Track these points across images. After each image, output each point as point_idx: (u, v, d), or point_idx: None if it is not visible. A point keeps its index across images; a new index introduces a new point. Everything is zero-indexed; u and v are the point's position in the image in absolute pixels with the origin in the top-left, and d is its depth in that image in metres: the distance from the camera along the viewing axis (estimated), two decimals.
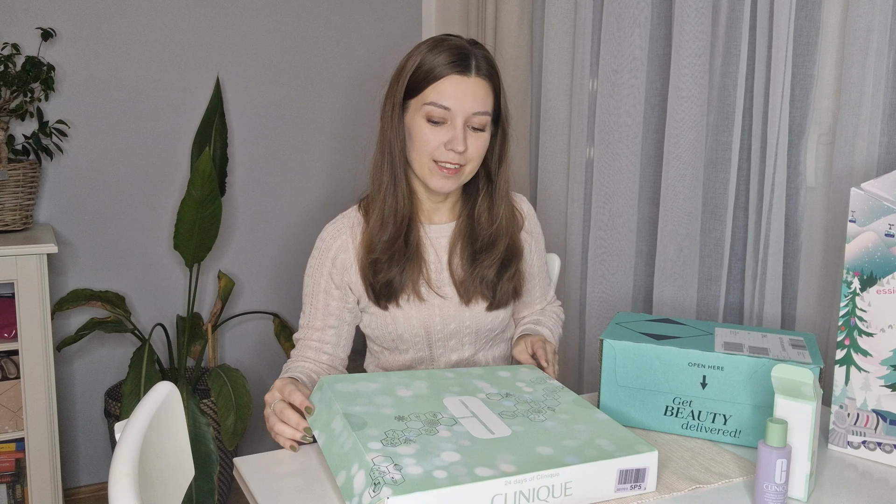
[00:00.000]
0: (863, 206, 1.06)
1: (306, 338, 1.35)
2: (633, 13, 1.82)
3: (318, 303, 1.34)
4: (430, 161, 1.27)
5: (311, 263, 1.36)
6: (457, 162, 1.26)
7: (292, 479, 1.00)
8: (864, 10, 1.33)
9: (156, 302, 2.46)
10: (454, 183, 1.29)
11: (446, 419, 0.99)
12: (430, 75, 1.25)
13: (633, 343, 1.15)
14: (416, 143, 1.27)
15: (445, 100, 1.24)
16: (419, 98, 1.26)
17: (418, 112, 1.26)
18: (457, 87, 1.24)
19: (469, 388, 1.11)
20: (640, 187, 1.88)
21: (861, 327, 1.07)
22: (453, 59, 1.24)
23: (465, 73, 1.24)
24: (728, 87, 1.61)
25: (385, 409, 1.01)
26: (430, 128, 1.26)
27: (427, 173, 1.28)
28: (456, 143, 1.24)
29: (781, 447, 0.91)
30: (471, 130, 1.27)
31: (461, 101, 1.24)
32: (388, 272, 1.30)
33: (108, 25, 2.29)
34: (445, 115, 1.25)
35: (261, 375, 2.66)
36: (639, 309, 1.92)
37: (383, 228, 1.30)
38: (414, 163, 1.30)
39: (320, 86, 2.61)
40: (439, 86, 1.24)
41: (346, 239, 1.34)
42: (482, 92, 1.26)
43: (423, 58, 1.26)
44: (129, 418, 0.87)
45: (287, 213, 2.62)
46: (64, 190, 2.30)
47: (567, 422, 1.03)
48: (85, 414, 2.41)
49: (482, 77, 1.26)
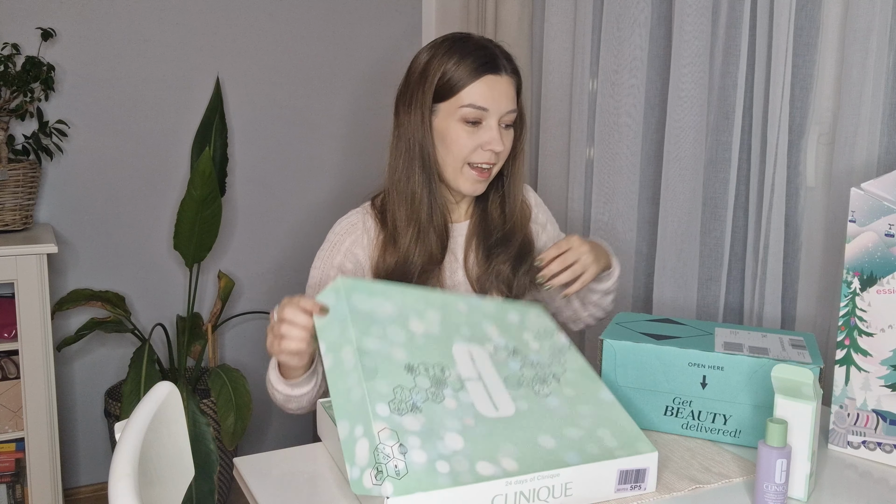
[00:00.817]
0: (863, 206, 1.06)
1: None
2: (633, 13, 1.82)
3: None
4: (465, 165, 1.26)
5: (320, 255, 1.34)
6: (492, 162, 1.26)
7: (292, 479, 1.00)
8: (864, 10, 1.33)
9: (156, 302, 2.46)
10: (485, 185, 1.30)
11: (453, 380, 0.97)
12: (465, 77, 1.23)
13: (633, 343, 1.15)
14: (452, 146, 1.25)
15: (483, 101, 1.23)
16: (453, 101, 1.24)
17: (452, 116, 1.24)
18: (492, 87, 1.23)
19: (478, 334, 1.07)
20: (640, 187, 1.88)
21: (861, 327, 1.07)
22: (485, 60, 1.23)
23: (498, 73, 1.24)
24: (728, 87, 1.61)
25: (396, 349, 0.97)
26: (466, 129, 1.24)
27: (461, 177, 1.27)
28: (495, 144, 1.24)
29: (781, 447, 0.91)
30: (503, 129, 1.27)
31: (497, 101, 1.24)
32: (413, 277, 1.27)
33: (108, 25, 2.29)
34: (481, 115, 1.24)
35: (261, 375, 2.65)
36: (639, 309, 1.92)
37: (421, 238, 1.26)
38: (446, 167, 1.27)
39: (320, 86, 2.61)
40: (476, 87, 1.23)
41: (359, 234, 1.32)
42: (512, 90, 1.26)
43: (450, 61, 1.24)
44: (129, 418, 0.87)
45: (287, 213, 2.62)
46: (64, 190, 2.30)
47: (571, 401, 1.02)
48: (85, 414, 2.41)
49: (510, 74, 1.26)
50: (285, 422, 2.73)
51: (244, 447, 2.63)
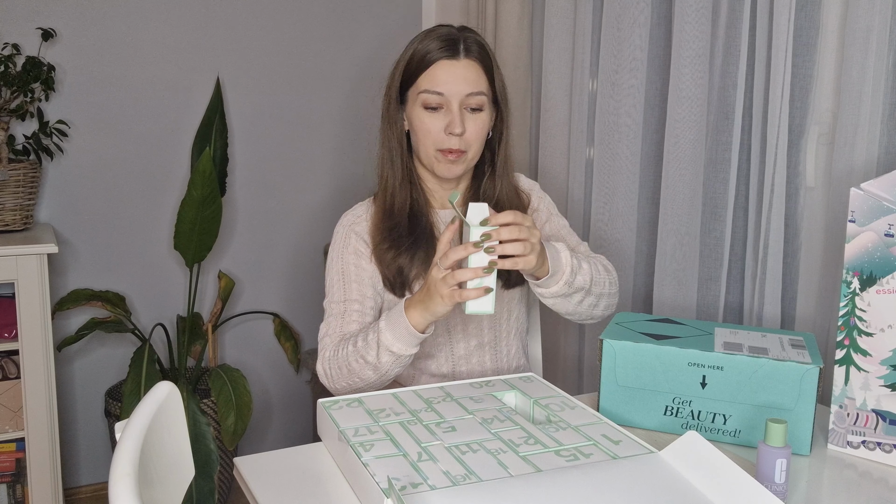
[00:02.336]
0: (862, 206, 1.06)
1: (347, 311, 1.32)
2: (633, 13, 1.82)
3: (349, 276, 1.34)
4: (435, 150, 1.30)
5: (334, 248, 1.38)
6: (458, 147, 1.29)
7: (292, 479, 1.00)
8: (863, 10, 1.33)
9: (156, 302, 2.46)
10: (460, 168, 1.32)
11: None
12: (422, 63, 1.28)
13: (633, 343, 1.15)
14: (419, 132, 1.31)
15: (438, 85, 1.27)
16: (414, 87, 1.30)
17: (416, 102, 1.30)
18: (447, 71, 1.27)
19: None
20: (640, 187, 1.88)
21: (861, 327, 1.07)
22: (441, 45, 1.28)
23: (454, 57, 1.28)
24: (728, 87, 1.61)
25: None
26: (428, 115, 1.29)
27: (434, 161, 1.32)
28: (454, 126, 1.27)
29: (781, 447, 0.91)
30: (469, 112, 1.30)
31: (453, 85, 1.27)
32: (397, 260, 1.31)
33: (108, 25, 2.29)
34: (441, 100, 1.28)
35: (261, 375, 2.66)
36: (639, 309, 1.93)
37: (385, 217, 1.34)
38: (420, 153, 1.33)
39: (320, 86, 2.61)
40: (431, 72, 1.28)
41: (365, 225, 1.37)
42: (472, 74, 1.29)
43: (415, 48, 1.30)
44: (130, 418, 0.87)
45: (287, 213, 2.62)
46: (64, 190, 2.30)
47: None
48: (85, 414, 2.41)
49: (472, 59, 1.29)
50: (285, 422, 2.73)
51: (244, 447, 2.63)
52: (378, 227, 1.35)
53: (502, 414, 1.04)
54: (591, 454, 0.93)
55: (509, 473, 0.87)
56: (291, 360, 2.60)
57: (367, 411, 1.05)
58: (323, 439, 1.09)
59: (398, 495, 0.77)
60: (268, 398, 2.69)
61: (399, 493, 0.79)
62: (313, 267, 2.68)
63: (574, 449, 0.94)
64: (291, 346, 2.59)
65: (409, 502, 0.80)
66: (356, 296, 1.33)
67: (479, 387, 1.15)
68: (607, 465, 0.90)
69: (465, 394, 1.12)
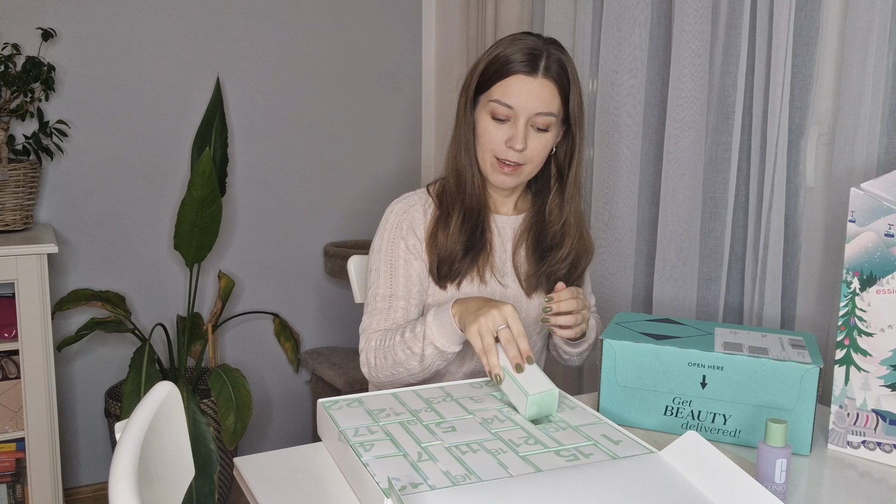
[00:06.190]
0: (862, 206, 1.06)
1: (392, 307, 1.32)
2: (633, 13, 1.82)
3: (398, 270, 1.33)
4: (492, 157, 1.30)
5: (383, 237, 1.36)
6: (516, 160, 1.28)
7: (292, 479, 1.00)
8: (863, 10, 1.33)
9: (156, 302, 2.46)
10: (513, 181, 1.31)
11: None
12: (500, 72, 1.26)
13: (633, 343, 1.15)
14: (481, 138, 1.30)
15: (510, 98, 1.25)
16: (487, 94, 1.28)
17: (485, 108, 1.29)
18: (522, 86, 1.25)
19: None
20: (640, 187, 1.88)
21: (861, 327, 1.07)
22: (523, 59, 1.25)
23: (532, 74, 1.25)
24: (728, 87, 1.61)
25: None
26: (493, 124, 1.28)
27: (489, 168, 1.31)
28: (515, 142, 1.26)
29: (781, 447, 0.91)
30: (534, 131, 1.28)
31: (525, 101, 1.25)
32: (448, 245, 1.32)
33: (108, 25, 2.29)
34: (509, 113, 1.26)
35: (261, 375, 2.66)
36: (639, 309, 1.93)
37: (466, 218, 1.33)
38: (478, 157, 1.33)
39: (320, 86, 2.61)
40: (506, 83, 1.26)
41: (418, 215, 1.36)
42: (546, 93, 1.26)
43: (497, 54, 1.27)
44: (130, 418, 0.87)
45: (287, 214, 2.62)
46: (64, 190, 2.30)
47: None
48: (85, 414, 2.41)
49: (549, 78, 1.26)
50: (285, 422, 2.73)
51: (244, 447, 2.63)
52: (450, 226, 1.33)
53: (502, 414, 1.04)
54: (591, 454, 0.93)
55: (509, 473, 0.87)
56: (291, 360, 2.60)
57: (367, 411, 1.05)
58: (323, 439, 1.09)
59: (398, 495, 0.77)
60: (267, 398, 2.69)
61: (399, 493, 0.79)
62: (313, 267, 2.68)
63: (574, 449, 0.94)
64: (291, 346, 2.59)
65: (409, 502, 0.80)
66: (402, 292, 1.33)
67: (479, 387, 1.15)
68: (607, 465, 0.90)
69: (465, 394, 1.12)
